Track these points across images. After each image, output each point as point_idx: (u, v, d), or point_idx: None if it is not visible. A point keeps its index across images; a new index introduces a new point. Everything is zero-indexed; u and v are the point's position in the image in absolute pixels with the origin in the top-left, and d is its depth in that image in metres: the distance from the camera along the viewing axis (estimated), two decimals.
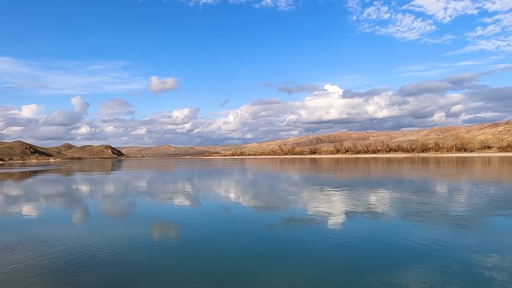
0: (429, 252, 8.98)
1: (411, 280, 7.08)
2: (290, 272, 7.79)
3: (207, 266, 8.34)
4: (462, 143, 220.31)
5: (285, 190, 25.16)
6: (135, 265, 8.45)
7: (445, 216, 13.72)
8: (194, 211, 16.85)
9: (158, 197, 22.30)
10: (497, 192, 21.41)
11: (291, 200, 19.36)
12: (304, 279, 7.35)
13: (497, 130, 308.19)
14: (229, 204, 18.66)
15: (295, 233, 11.58)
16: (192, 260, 8.82)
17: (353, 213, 14.83)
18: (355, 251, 9.29)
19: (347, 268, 7.97)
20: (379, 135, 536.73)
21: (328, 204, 17.36)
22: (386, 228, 11.98)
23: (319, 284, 7.09)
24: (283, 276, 7.56)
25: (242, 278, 7.46)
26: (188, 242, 10.59)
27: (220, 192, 25.12)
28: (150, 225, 13.25)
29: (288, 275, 7.58)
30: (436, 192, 22.54)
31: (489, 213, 14.32)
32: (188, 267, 8.25)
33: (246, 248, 9.86)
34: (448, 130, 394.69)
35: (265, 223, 13.22)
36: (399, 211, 15.22)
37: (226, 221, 13.92)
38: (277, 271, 7.88)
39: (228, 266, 8.28)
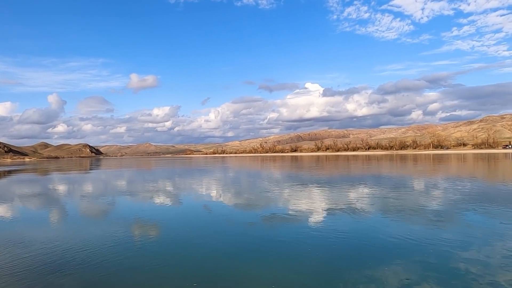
0: (408, 247, 9.21)
1: (391, 275, 7.25)
2: (273, 269, 7.84)
3: (189, 264, 8.30)
4: (439, 140, 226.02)
5: (266, 188, 25.26)
6: (116, 265, 8.34)
7: (422, 212, 14.07)
8: (176, 210, 16.73)
9: (138, 197, 22.02)
10: (471, 188, 22.09)
11: (273, 198, 19.46)
12: (287, 276, 7.41)
13: (471, 128, 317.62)
14: (210, 203, 18.61)
15: (277, 230, 11.66)
16: (174, 259, 8.77)
17: (334, 210, 15.03)
18: (337, 247, 9.43)
19: (330, 264, 8.08)
20: (358, 133, 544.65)
21: (310, 202, 17.53)
22: (366, 224, 12.20)
23: (303, 280, 7.17)
24: (266, 273, 7.61)
25: (225, 276, 7.47)
26: (170, 241, 10.52)
27: (202, 190, 25.02)
28: (131, 225, 13.08)
29: (272, 272, 7.63)
30: (413, 188, 23.09)
31: (464, 208, 14.76)
32: (171, 266, 8.20)
33: (229, 246, 9.87)
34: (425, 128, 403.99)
35: (247, 221, 13.25)
36: (378, 207, 15.52)
37: (208, 220, 13.88)
38: (261, 268, 7.92)
39: (211, 264, 8.27)
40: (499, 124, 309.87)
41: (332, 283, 6.97)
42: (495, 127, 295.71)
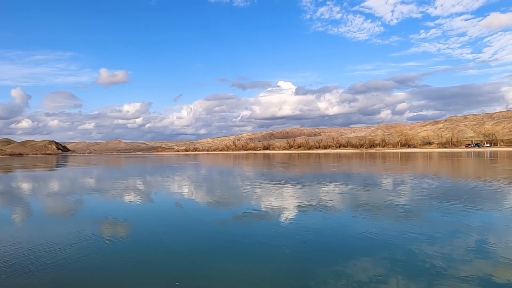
0: (376, 243, 9.44)
1: (360, 270, 7.41)
2: (245, 266, 7.85)
3: (161, 263, 8.18)
4: (406, 139, 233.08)
5: (239, 185, 25.25)
6: (85, 264, 8.09)
7: (390, 208, 14.48)
8: (146, 208, 16.43)
9: (107, 195, 21.47)
10: (436, 185, 22.94)
11: (245, 196, 19.47)
12: (258, 273, 7.43)
13: (437, 127, 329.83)
14: (182, 201, 18.40)
15: (250, 228, 11.68)
16: (145, 257, 8.60)
17: (306, 207, 15.21)
18: (308, 244, 9.55)
19: (302, 260, 8.17)
20: (330, 131, 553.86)
21: (281, 199, 17.67)
22: (337, 221, 12.42)
23: (275, 277, 7.21)
24: (238, 270, 7.60)
25: (197, 273, 7.40)
26: (140, 240, 10.31)
27: (173, 188, 24.70)
28: (100, 224, 12.73)
29: (243, 269, 7.63)
30: (382, 186, 23.74)
31: (429, 204, 15.30)
32: (141, 264, 8.04)
33: (200, 243, 9.79)
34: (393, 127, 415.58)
35: (219, 219, 13.19)
36: (348, 204, 15.84)
37: (180, 218, 13.71)
38: (232, 265, 7.90)
39: (183, 262, 8.17)
40: (462, 124, 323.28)
41: (304, 279, 7.05)
42: (458, 127, 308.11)
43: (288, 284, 6.88)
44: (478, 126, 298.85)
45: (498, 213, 13.18)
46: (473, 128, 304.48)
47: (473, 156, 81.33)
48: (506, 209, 13.88)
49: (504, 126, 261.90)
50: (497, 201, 16.05)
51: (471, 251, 8.60)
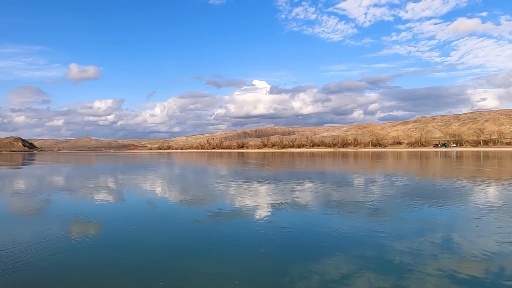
0: (348, 241, 9.63)
1: (333, 268, 7.54)
2: (219, 265, 7.82)
3: (132, 261, 8.02)
4: (377, 139, 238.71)
5: (213, 184, 25.14)
6: (53, 264, 7.82)
7: (361, 206, 14.80)
8: (118, 207, 16.07)
9: (77, 194, 20.86)
10: (405, 184, 23.65)
11: (219, 194, 19.40)
12: (233, 272, 7.42)
13: (407, 128, 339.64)
14: (155, 200, 18.12)
15: (223, 226, 11.64)
16: (116, 256, 8.41)
17: (280, 205, 15.32)
18: (281, 242, 9.62)
19: (275, 259, 8.22)
20: (304, 130, 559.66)
21: (256, 198, 17.72)
22: (310, 219, 12.57)
23: (248, 275, 7.22)
24: (212, 269, 7.56)
25: (170, 272, 7.31)
26: (113, 240, 10.07)
27: (146, 187, 24.29)
28: (69, 224, 12.33)
29: (218, 269, 7.60)
30: (353, 184, 24.24)
31: (399, 202, 15.74)
32: (112, 263, 7.86)
33: (174, 242, 9.68)
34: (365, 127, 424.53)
35: (193, 217, 13.08)
36: (321, 202, 16.07)
37: (152, 217, 13.50)
38: (206, 264, 7.86)
39: (156, 261, 8.05)
40: (430, 125, 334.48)
41: (278, 277, 7.10)
42: (427, 127, 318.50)
43: (262, 283, 6.90)
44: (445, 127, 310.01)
45: (462, 210, 13.71)
46: (440, 128, 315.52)
47: (440, 156, 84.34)
48: (470, 207, 14.45)
49: (469, 127, 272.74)
50: (462, 199, 16.69)
51: (437, 247, 8.91)
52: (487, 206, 14.46)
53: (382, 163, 55.95)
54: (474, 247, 8.81)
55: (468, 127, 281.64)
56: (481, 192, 19.06)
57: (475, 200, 16.37)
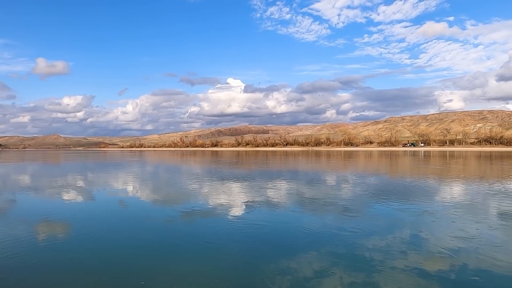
0: (320, 238, 9.78)
1: (305, 265, 7.63)
2: (191, 264, 7.76)
3: (104, 260, 7.84)
4: (349, 138, 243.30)
5: (186, 183, 24.91)
6: (19, 264, 7.53)
7: (333, 204, 15.07)
8: (88, 207, 15.65)
9: (44, 193, 20.14)
10: (376, 182, 24.26)
11: (192, 193, 19.26)
12: (205, 271, 7.39)
13: (377, 127, 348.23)
14: (127, 199, 17.77)
15: (196, 225, 11.57)
16: (87, 255, 8.19)
17: (253, 204, 15.37)
18: (254, 241, 9.66)
19: (247, 257, 8.24)
20: (277, 129, 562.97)
21: (229, 196, 17.70)
22: (283, 217, 12.68)
23: (220, 274, 7.21)
24: (184, 268, 7.51)
25: (142, 271, 7.20)
26: (82, 240, 9.78)
27: (117, 186, 23.78)
28: (36, 225, 11.87)
29: (190, 267, 7.55)
30: (325, 182, 24.64)
31: (369, 200, 16.13)
32: (83, 262, 7.65)
33: (146, 242, 9.53)
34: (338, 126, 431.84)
35: (166, 217, 12.92)
36: (294, 201, 16.25)
37: (124, 216, 13.23)
38: (178, 263, 7.79)
39: (128, 261, 7.90)
40: (400, 125, 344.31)
41: (251, 276, 7.12)
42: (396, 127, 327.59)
43: (235, 281, 6.91)
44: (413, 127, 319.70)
45: (430, 207, 14.21)
46: (409, 128, 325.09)
47: (409, 155, 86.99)
48: (437, 204, 14.99)
49: (436, 127, 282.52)
50: (428, 196, 17.29)
51: (406, 243, 9.19)
52: (451, 203, 15.04)
53: (353, 162, 57.13)
54: (439, 243, 9.14)
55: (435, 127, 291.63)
56: (446, 190, 19.82)
57: (441, 197, 17.00)
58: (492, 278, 6.84)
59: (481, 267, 7.39)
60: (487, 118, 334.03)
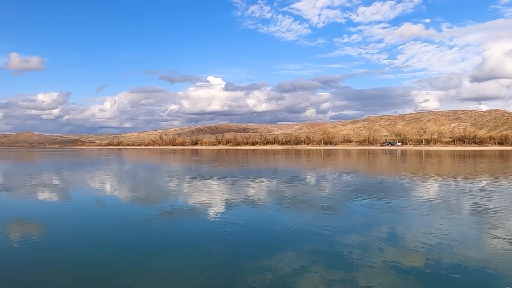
0: (300, 236, 9.87)
1: (285, 263, 7.69)
2: (171, 262, 7.70)
3: (82, 259, 7.68)
4: (329, 137, 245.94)
5: (165, 181, 24.66)
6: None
7: (313, 202, 15.23)
8: (65, 207, 15.29)
9: (18, 193, 19.56)
10: (354, 180, 24.65)
11: (172, 192, 19.10)
12: (185, 269, 7.36)
13: (356, 127, 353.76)
14: (105, 198, 17.46)
15: (176, 224, 11.49)
16: (65, 254, 8.00)
17: (233, 202, 15.36)
18: (235, 239, 9.67)
19: (229, 256, 8.25)
20: (258, 127, 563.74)
21: (209, 195, 17.63)
22: (263, 215, 12.74)
23: (200, 272, 7.19)
24: (168, 267, 7.44)
25: (121, 270, 7.10)
26: (59, 240, 9.55)
27: (94, 185, 23.33)
28: (11, 225, 11.51)
29: (174, 266, 7.49)
30: (305, 181, 24.87)
31: (348, 198, 16.39)
32: (60, 262, 7.47)
33: (125, 241, 9.39)
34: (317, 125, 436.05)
35: (145, 216, 12.75)
36: (274, 199, 16.34)
37: (102, 216, 12.99)
38: (162, 262, 7.71)
39: (105, 259, 7.77)
40: (378, 124, 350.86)
41: (231, 274, 7.13)
42: (375, 126, 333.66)
43: (216, 280, 6.91)
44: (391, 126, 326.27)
45: (406, 205, 14.54)
46: (387, 128, 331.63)
47: (387, 154, 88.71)
48: (412, 201, 15.37)
49: (413, 127, 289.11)
50: (405, 194, 17.70)
51: (384, 240, 9.39)
52: (426, 201, 15.45)
53: (332, 160, 57.83)
54: (415, 239, 9.38)
55: (412, 126, 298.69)
56: (422, 188, 20.34)
57: (416, 195, 17.43)
58: (464, 272, 7.07)
59: (454, 262, 7.63)
60: (461, 118, 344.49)
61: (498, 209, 13.42)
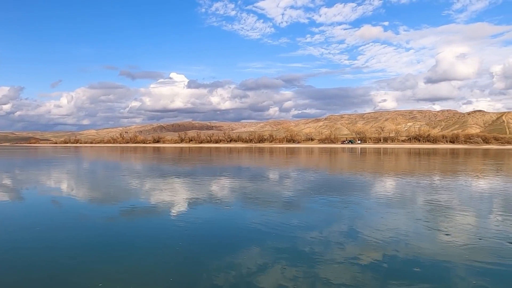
0: (263, 233, 9.98)
1: (249, 260, 7.76)
2: (139, 262, 7.55)
3: (36, 260, 7.35)
4: (291, 135, 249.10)
5: (126, 180, 24.03)
6: None
7: (275, 200, 15.43)
8: (17, 207, 14.51)
9: None
10: (316, 178, 25.21)
11: (133, 191, 18.66)
12: (154, 269, 7.23)
13: (318, 125, 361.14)
14: (61, 198, 16.74)
15: (138, 223, 11.26)
16: (17, 254, 7.62)
17: (196, 200, 15.26)
18: (198, 237, 9.62)
19: (192, 254, 8.19)
20: (221, 125, 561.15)
21: (172, 193, 17.40)
22: (226, 213, 12.76)
23: (163, 272, 7.10)
24: (132, 267, 7.28)
25: (79, 271, 6.86)
26: (13, 242, 9.08)
27: (50, 184, 22.31)
28: None
29: (138, 266, 7.34)
30: (268, 178, 25.13)
31: (310, 196, 16.74)
32: (13, 262, 7.11)
33: (86, 240, 9.07)
34: (280, 124, 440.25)
35: (105, 215, 12.38)
36: (238, 197, 16.38)
37: (58, 216, 12.46)
38: (125, 262, 7.52)
39: (62, 260, 7.47)
40: (339, 123, 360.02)
41: (194, 272, 7.10)
42: (336, 125, 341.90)
43: (179, 279, 6.85)
44: (351, 125, 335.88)
45: (365, 201, 15.08)
46: (347, 126, 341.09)
47: (347, 152, 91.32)
48: (371, 198, 15.95)
49: (372, 126, 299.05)
50: (364, 191, 18.34)
51: (343, 236, 9.70)
52: (384, 197, 16.09)
53: (295, 158, 58.74)
54: (373, 234, 9.76)
55: (371, 125, 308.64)
56: (379, 184, 21.15)
57: (374, 191, 18.10)
58: (418, 265, 7.45)
59: (408, 256, 8.02)
60: (416, 117, 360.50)
61: (450, 205, 14.22)
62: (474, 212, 12.80)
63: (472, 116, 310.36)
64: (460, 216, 12.13)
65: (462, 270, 7.15)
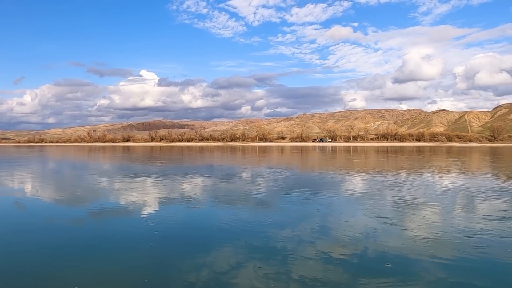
0: (235, 232, 9.99)
1: (221, 259, 7.75)
2: (111, 264, 7.36)
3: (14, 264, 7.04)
4: (264, 134, 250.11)
5: (94, 180, 23.39)
6: None
7: (247, 199, 15.48)
8: None
9: None
10: (288, 176, 25.48)
11: (102, 192, 18.20)
12: (117, 270, 7.09)
13: (290, 124, 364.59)
14: (24, 199, 16.07)
15: (106, 224, 10.99)
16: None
17: (167, 200, 15.06)
18: (170, 238, 9.51)
19: (162, 255, 8.09)
20: (193, 124, 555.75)
21: (142, 193, 17.09)
22: (198, 213, 12.68)
23: (133, 274, 6.98)
24: (94, 269, 7.09)
25: (61, 275, 6.63)
26: None
27: (12, 185, 21.39)
28: None
29: (100, 268, 7.16)
30: (240, 177, 25.15)
31: (282, 194, 16.90)
32: None
33: (49, 244, 8.76)
34: (252, 122, 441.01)
35: (73, 217, 11.99)
36: (210, 196, 16.31)
37: (21, 218, 11.97)
38: (97, 265, 7.32)
39: (27, 268, 7.19)
40: (310, 121, 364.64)
41: (165, 273, 7.01)
42: (307, 123, 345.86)
43: (151, 280, 6.75)
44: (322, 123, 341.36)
45: (335, 199, 15.38)
46: (318, 125, 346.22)
47: (318, 150, 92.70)
48: (341, 195, 16.30)
49: (342, 124, 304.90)
50: (335, 188, 18.70)
51: (315, 233, 9.86)
52: (354, 194, 16.49)
53: (267, 157, 59.07)
54: (343, 231, 9.99)
55: (341, 124, 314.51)
56: (349, 182, 21.63)
57: (345, 189, 18.50)
58: (387, 260, 7.69)
59: (378, 251, 8.26)
60: (384, 116, 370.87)
61: (416, 200, 14.74)
62: (437, 207, 13.33)
63: (437, 115, 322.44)
64: (424, 211, 12.60)
65: (426, 263, 7.44)
